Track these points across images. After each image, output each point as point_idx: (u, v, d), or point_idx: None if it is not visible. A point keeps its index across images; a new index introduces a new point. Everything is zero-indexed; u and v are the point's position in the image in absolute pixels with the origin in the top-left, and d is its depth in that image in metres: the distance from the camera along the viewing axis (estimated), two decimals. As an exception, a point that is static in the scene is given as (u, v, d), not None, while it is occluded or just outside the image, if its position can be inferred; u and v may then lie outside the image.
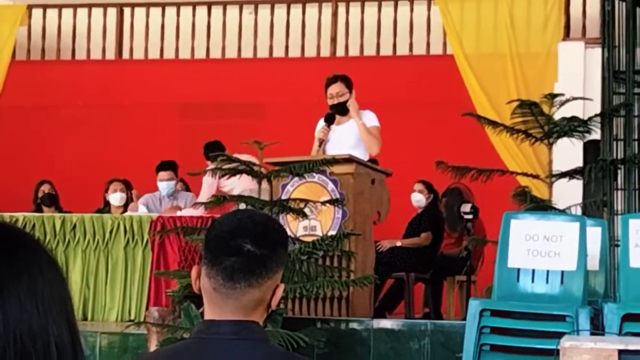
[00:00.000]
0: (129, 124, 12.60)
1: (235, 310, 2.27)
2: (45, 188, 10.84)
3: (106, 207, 10.28)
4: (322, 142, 8.24)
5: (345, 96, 8.32)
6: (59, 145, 12.58)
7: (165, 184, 9.92)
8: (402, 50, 12.17)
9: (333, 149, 8.20)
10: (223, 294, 2.27)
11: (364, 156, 8.18)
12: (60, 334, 1.34)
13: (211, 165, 7.78)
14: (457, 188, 9.74)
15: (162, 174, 9.93)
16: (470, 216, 8.99)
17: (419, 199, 9.76)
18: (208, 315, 2.32)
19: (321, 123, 8.40)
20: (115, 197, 10.15)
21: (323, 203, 7.27)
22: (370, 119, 8.34)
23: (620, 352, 4.99)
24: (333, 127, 8.31)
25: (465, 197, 9.64)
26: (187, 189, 10.49)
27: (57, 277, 1.39)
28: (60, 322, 1.35)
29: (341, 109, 8.33)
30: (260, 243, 2.26)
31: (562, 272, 6.36)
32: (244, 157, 8.19)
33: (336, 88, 8.34)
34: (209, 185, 9.52)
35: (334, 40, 12.54)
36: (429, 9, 12.01)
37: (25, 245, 1.38)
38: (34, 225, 9.28)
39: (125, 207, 10.19)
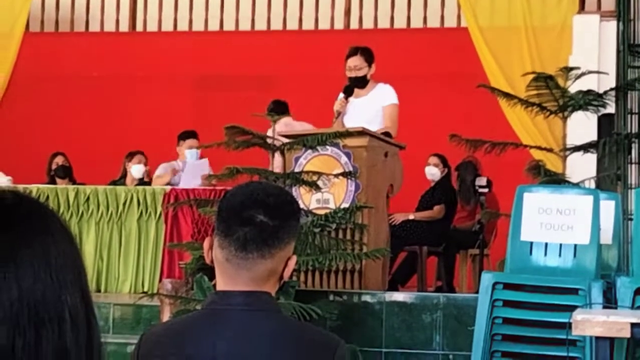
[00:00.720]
0: (142, 95, 12.61)
1: (248, 280, 2.28)
2: (59, 160, 10.87)
3: (121, 179, 10.31)
4: (339, 114, 8.24)
5: (363, 70, 8.30)
6: (73, 117, 12.61)
7: (194, 152, 9.92)
8: (417, 22, 12.14)
9: (350, 122, 8.19)
10: (235, 265, 2.28)
11: (381, 130, 8.17)
12: (74, 302, 1.36)
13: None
14: (471, 162, 9.74)
15: (191, 141, 9.95)
16: (485, 190, 9.00)
17: (434, 172, 9.76)
18: (220, 286, 2.33)
19: (341, 96, 8.39)
20: (138, 169, 10.20)
21: (336, 175, 7.28)
22: (389, 95, 8.30)
23: (633, 325, 5.00)
24: (351, 99, 8.30)
25: (479, 171, 9.64)
26: None
27: (71, 247, 1.40)
28: (74, 291, 1.36)
29: (359, 83, 8.31)
30: (272, 214, 2.28)
31: (575, 246, 6.36)
32: (304, 125, 8.24)
33: (355, 61, 8.31)
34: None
35: (347, 12, 12.51)
36: (443, -18, 11.97)
37: (39, 214, 1.40)
38: (47, 197, 9.32)
39: (142, 179, 10.23)
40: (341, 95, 8.34)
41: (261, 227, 2.26)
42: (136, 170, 10.21)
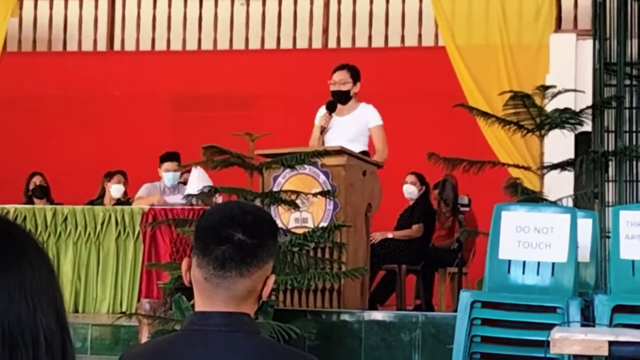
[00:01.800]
0: (120, 115, 12.59)
1: (227, 300, 2.28)
2: (37, 180, 10.83)
3: (99, 199, 10.27)
4: (323, 130, 8.24)
5: (347, 85, 8.32)
6: (51, 137, 12.57)
7: (171, 175, 9.87)
8: (394, 41, 12.18)
9: (332, 141, 8.20)
10: (214, 284, 2.28)
11: (362, 150, 8.18)
12: (49, 324, 1.35)
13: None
14: (449, 180, 9.75)
15: (168, 165, 9.87)
16: (466, 208, 9.01)
17: (411, 190, 9.78)
18: (199, 307, 2.32)
19: (322, 110, 8.39)
20: (117, 189, 10.15)
21: (314, 195, 7.28)
22: (374, 116, 8.32)
23: (611, 343, 5.00)
24: (333, 116, 8.30)
25: (456, 190, 9.66)
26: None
27: (46, 269, 1.39)
28: (49, 313, 1.36)
29: (340, 97, 8.33)
30: (250, 232, 2.28)
31: (553, 264, 6.37)
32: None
33: (340, 75, 8.35)
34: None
35: (325, 31, 12.54)
36: (420, 1, 12.01)
37: (15, 237, 1.39)
38: (25, 217, 9.28)
39: (120, 199, 10.17)
40: (323, 109, 8.35)
41: (239, 246, 2.26)
42: (115, 190, 10.17)
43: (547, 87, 8.16)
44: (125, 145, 12.26)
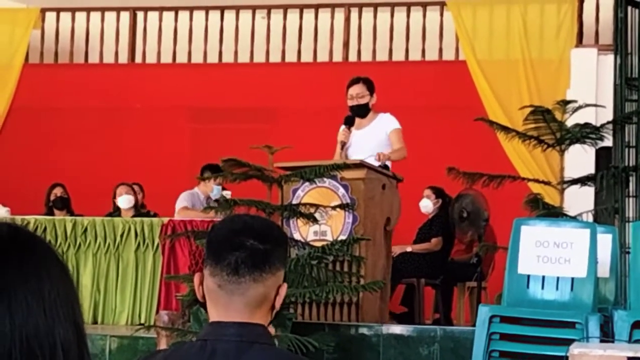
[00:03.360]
0: (140, 127, 12.64)
1: (241, 308, 2.29)
2: (58, 191, 10.87)
3: (116, 212, 10.30)
4: (344, 145, 8.25)
5: (365, 98, 8.33)
6: (71, 148, 12.63)
7: (220, 188, 9.84)
8: (415, 55, 12.18)
9: (354, 154, 8.21)
10: (228, 291, 2.29)
11: (382, 163, 8.18)
12: (67, 335, 1.37)
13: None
14: (470, 194, 9.73)
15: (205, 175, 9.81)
16: (486, 223, 9.01)
17: (425, 204, 9.77)
18: (214, 317, 2.34)
19: (343, 126, 8.40)
20: (123, 200, 10.14)
21: (333, 208, 7.29)
22: (391, 121, 8.33)
23: (630, 359, 4.99)
24: (353, 130, 8.31)
25: (478, 204, 9.64)
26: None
27: (65, 280, 1.41)
28: (67, 324, 1.37)
29: (360, 111, 8.34)
30: (262, 238, 2.31)
31: (572, 279, 6.36)
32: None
33: (357, 89, 8.35)
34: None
35: (346, 45, 12.56)
36: (441, 15, 12.02)
37: (34, 247, 1.41)
38: (45, 228, 9.32)
39: (135, 209, 10.19)
40: (343, 126, 8.36)
41: (252, 251, 2.29)
42: (123, 201, 10.15)
43: (568, 102, 8.16)
44: (144, 157, 12.31)
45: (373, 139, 8.26)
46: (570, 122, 8.08)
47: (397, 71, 12.04)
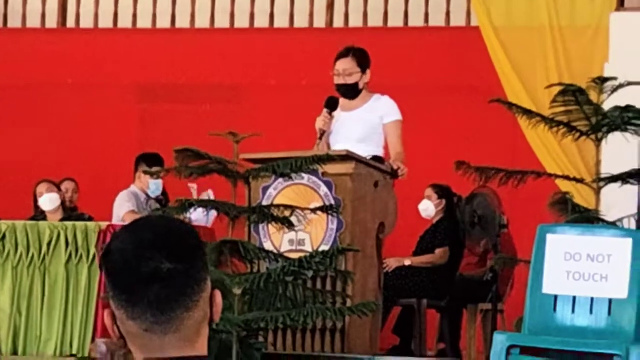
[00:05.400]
0: (73, 108, 12.60)
1: (180, 343, 2.27)
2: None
3: (42, 215, 10.26)
4: (323, 133, 8.21)
5: (354, 77, 8.31)
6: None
7: (159, 183, 9.81)
8: (416, 20, 12.18)
9: (338, 142, 8.19)
10: (159, 332, 2.25)
11: (373, 153, 8.16)
12: None
13: None
14: (483, 194, 9.75)
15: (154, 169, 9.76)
16: (504, 230, 9.02)
17: (425, 207, 9.77)
18: (147, 355, 2.29)
19: (325, 110, 8.37)
20: (45, 201, 10.10)
21: (314, 210, 7.29)
22: (390, 109, 8.31)
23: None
24: (338, 113, 8.28)
25: (494, 206, 9.65)
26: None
27: None
28: None
29: (347, 92, 8.31)
30: (178, 255, 2.25)
31: (610, 301, 6.37)
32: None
33: (345, 64, 8.32)
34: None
35: (330, 6, 12.55)
36: (449, -31, 12.04)
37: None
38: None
39: (64, 211, 10.15)
40: (324, 110, 8.32)
41: (173, 278, 2.23)
42: (45, 202, 10.08)
43: (606, 80, 8.17)
44: (78, 146, 12.26)
45: (363, 125, 8.25)
46: (608, 104, 8.09)
47: (394, 40, 12.03)
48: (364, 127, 8.25)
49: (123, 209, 9.81)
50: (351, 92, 8.32)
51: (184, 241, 2.28)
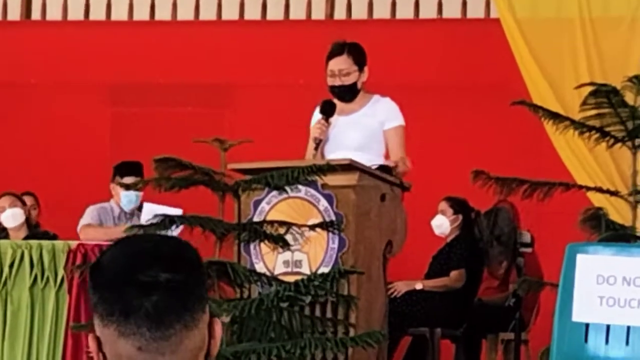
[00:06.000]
0: (37, 111, 12.61)
1: None
2: None
3: (3, 232, 10.27)
4: (319, 143, 8.21)
5: (351, 76, 8.31)
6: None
7: (133, 196, 9.84)
8: (428, 11, 12.21)
9: (333, 151, 8.20)
10: (154, 352, 2.26)
11: (377, 164, 8.17)
12: None
13: None
14: (504, 209, 9.77)
15: (128, 180, 9.77)
16: (528, 249, 9.02)
17: (439, 223, 9.78)
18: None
19: (317, 114, 8.38)
20: (7, 217, 10.11)
21: (312, 227, 7.29)
22: (391, 112, 8.32)
23: None
24: (335, 119, 8.29)
25: (518, 222, 9.67)
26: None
27: None
28: None
29: (345, 94, 8.32)
30: (176, 266, 2.27)
31: (649, 330, 6.38)
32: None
33: (340, 63, 8.32)
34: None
35: (331, -4, 12.58)
36: (465, -46, 12.08)
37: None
38: None
39: (28, 228, 10.16)
40: (317, 114, 8.33)
41: (172, 288, 2.25)
42: (7, 218, 10.09)
43: (644, 79, 8.18)
44: (41, 155, 12.27)
45: (362, 131, 8.26)
46: (646, 107, 8.11)
47: (403, 34, 12.06)
48: (362, 133, 8.26)
49: (82, 222, 9.88)
50: (349, 93, 8.33)
51: (182, 253, 2.31)
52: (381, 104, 8.37)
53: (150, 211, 9.20)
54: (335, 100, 8.35)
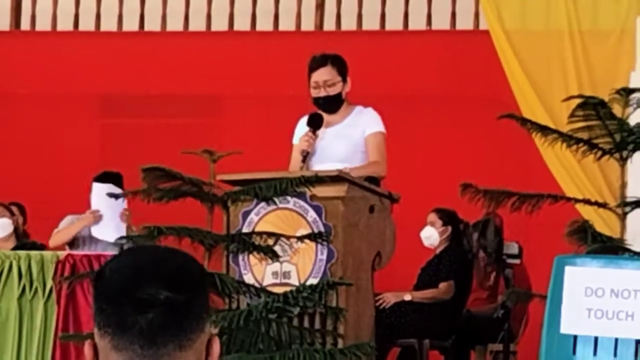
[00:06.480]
0: (26, 122, 12.59)
1: None
2: None
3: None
4: (306, 155, 8.22)
5: (336, 87, 8.32)
6: None
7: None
8: (417, 23, 12.21)
9: (318, 163, 8.21)
10: None
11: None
12: None
13: None
14: (492, 221, 9.78)
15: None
16: (516, 260, 9.02)
17: (428, 234, 9.79)
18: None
19: (301, 126, 8.39)
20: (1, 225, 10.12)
21: (300, 239, 7.29)
22: (372, 121, 8.34)
23: None
24: (322, 131, 8.30)
25: (500, 234, 9.68)
26: None
27: None
28: None
29: (330, 105, 8.33)
30: (179, 285, 2.27)
31: (637, 342, 6.39)
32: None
33: (324, 74, 8.33)
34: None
35: (320, 6, 12.58)
36: (455, -34, 12.09)
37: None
38: None
39: (17, 238, 10.15)
40: (302, 126, 8.32)
41: (170, 307, 2.25)
42: (-1, 226, 10.14)
43: (632, 91, 8.19)
44: (29, 165, 12.25)
45: (346, 143, 8.26)
46: (634, 118, 8.12)
47: (391, 45, 12.06)
48: (346, 145, 8.27)
49: (56, 229, 9.95)
50: (334, 104, 8.35)
51: (187, 270, 2.30)
52: (363, 114, 8.39)
53: (100, 191, 9.33)
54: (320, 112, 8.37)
